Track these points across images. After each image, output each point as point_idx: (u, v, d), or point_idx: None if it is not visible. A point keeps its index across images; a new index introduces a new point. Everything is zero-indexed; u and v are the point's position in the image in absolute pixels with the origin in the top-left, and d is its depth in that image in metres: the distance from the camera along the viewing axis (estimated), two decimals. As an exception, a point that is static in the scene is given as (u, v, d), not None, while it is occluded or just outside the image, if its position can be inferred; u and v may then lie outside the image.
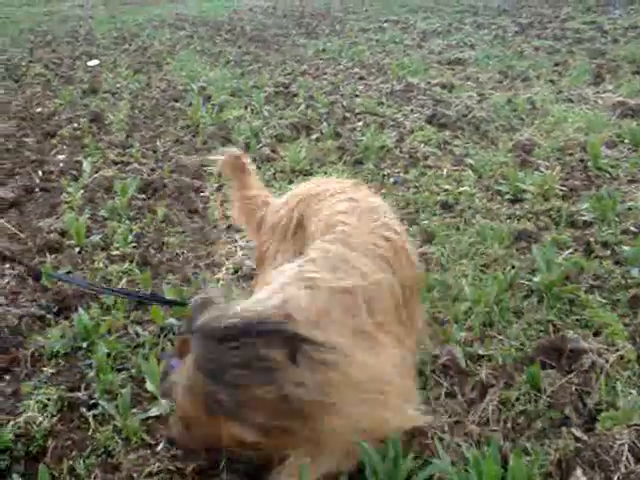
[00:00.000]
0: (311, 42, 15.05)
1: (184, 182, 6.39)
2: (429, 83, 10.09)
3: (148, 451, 3.05)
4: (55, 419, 3.25)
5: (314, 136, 7.61)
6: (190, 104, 9.40)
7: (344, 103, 9.08)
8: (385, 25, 17.40)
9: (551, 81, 9.83)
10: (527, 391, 3.24)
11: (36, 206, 6.02)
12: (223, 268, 4.78)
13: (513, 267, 4.40)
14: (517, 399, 3.20)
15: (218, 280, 4.59)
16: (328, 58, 12.95)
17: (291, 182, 6.26)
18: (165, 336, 3.90)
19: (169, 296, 4.17)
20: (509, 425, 3.09)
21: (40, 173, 6.77)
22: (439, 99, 9.01)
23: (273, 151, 7.11)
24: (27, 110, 9.54)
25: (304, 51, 13.92)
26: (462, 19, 17.78)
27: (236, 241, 5.17)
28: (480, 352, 3.58)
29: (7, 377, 3.65)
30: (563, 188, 5.72)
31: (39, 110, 9.55)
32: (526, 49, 12.59)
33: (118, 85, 11.16)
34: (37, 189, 6.37)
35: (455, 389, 3.35)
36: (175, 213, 5.76)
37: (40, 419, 3.21)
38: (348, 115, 8.46)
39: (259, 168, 6.65)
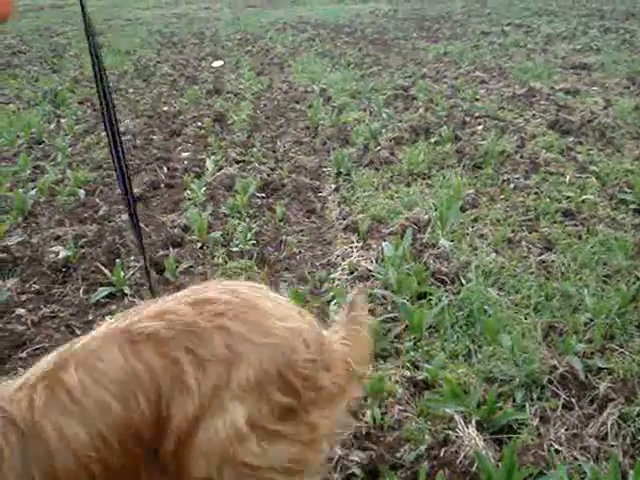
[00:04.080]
0: (432, 45, 14.96)
1: (303, 182, 6.48)
2: (552, 88, 9.88)
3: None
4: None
5: (433, 139, 7.56)
6: (310, 106, 9.51)
7: (464, 107, 8.99)
8: (507, 28, 17.10)
9: (683, 87, 9.46)
10: (650, 407, 3.14)
11: (161, 201, 6.23)
12: (339, 268, 4.82)
13: (638, 279, 4.26)
14: (638, 415, 3.11)
15: (333, 280, 4.63)
16: (449, 61, 12.85)
17: (408, 185, 6.25)
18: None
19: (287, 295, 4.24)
20: (629, 441, 3.00)
21: (165, 170, 7.00)
22: (562, 104, 8.81)
23: (391, 154, 7.11)
24: (154, 109, 9.89)
25: (424, 54, 13.85)
26: (588, 23, 17.29)
27: (352, 242, 5.20)
28: (600, 365, 3.49)
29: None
30: (693, 199, 5.50)
31: (165, 109, 9.88)
32: (656, 54, 12.16)
33: (241, 86, 11.40)
34: (162, 185, 6.59)
35: (573, 401, 3.27)
36: (293, 212, 5.86)
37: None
38: (468, 119, 8.37)
39: (377, 170, 6.68)
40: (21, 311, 4.35)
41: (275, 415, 2.04)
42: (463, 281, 4.37)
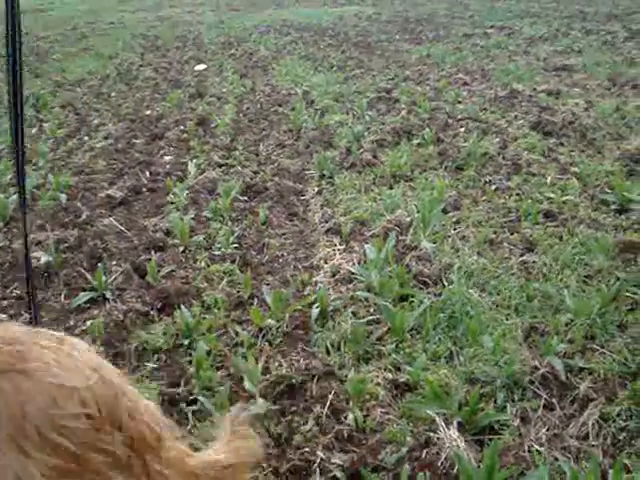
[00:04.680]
0: (414, 47, 15.01)
1: (285, 185, 6.48)
2: (534, 90, 9.93)
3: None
4: (156, 413, 3.35)
5: (415, 141, 7.58)
6: (293, 108, 9.51)
7: (446, 109, 9.02)
8: (490, 31, 17.19)
9: (663, 88, 9.52)
10: (629, 407, 3.15)
11: (143, 205, 6.22)
12: (321, 271, 4.82)
13: (618, 279, 4.28)
14: (618, 415, 3.12)
15: (316, 283, 4.63)
16: (431, 63, 12.89)
17: (391, 187, 6.26)
18: (264, 337, 3.97)
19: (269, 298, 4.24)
20: (609, 441, 3.01)
21: (147, 174, 6.98)
22: (544, 106, 8.85)
23: (374, 156, 7.11)
24: (137, 112, 9.86)
25: (407, 56, 13.89)
26: (570, 24, 17.40)
27: (335, 245, 5.20)
28: (581, 365, 3.51)
29: (112, 370, 3.78)
30: (673, 199, 5.53)
31: (148, 113, 9.86)
32: (636, 56, 12.23)
33: (224, 89, 11.39)
34: (144, 189, 6.57)
35: (554, 401, 3.28)
36: (276, 215, 5.85)
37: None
38: (450, 121, 8.40)
39: (359, 173, 6.68)
40: (2, 316, 4.32)
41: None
42: (445, 283, 4.39)
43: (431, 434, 3.08)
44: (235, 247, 5.20)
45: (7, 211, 5.91)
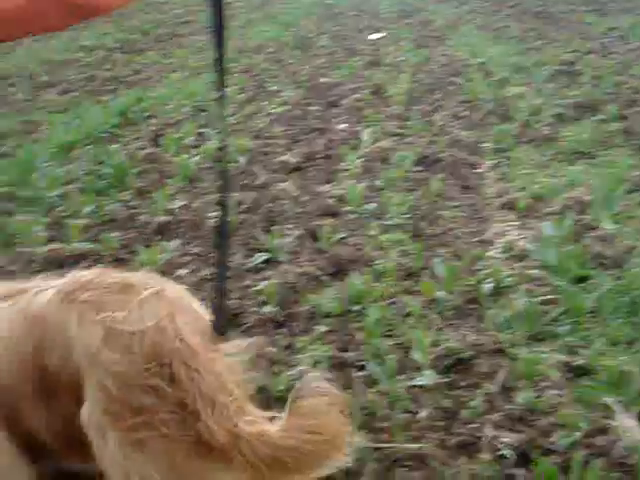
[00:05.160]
0: (600, 19, 14.29)
1: (460, 157, 6.38)
2: None
3: (410, 417, 3.13)
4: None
5: (598, 117, 7.24)
6: (469, 79, 9.31)
7: (633, 84, 8.55)
8: (686, 2, 16.09)
9: None
10: None
11: (317, 172, 6.30)
12: (494, 246, 4.73)
13: None
14: None
15: (488, 258, 4.54)
16: (618, 36, 12.23)
17: (571, 164, 6.03)
18: (434, 309, 3.95)
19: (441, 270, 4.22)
20: None
21: (322, 140, 7.06)
22: None
23: (553, 131, 6.86)
24: (313, 80, 9.98)
25: (592, 28, 13.25)
26: None
27: (509, 220, 5.08)
28: None
29: (284, 330, 3.90)
30: None
31: (323, 80, 9.94)
32: None
33: (399, 58, 11.30)
34: (318, 155, 6.66)
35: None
36: (449, 187, 5.78)
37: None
38: (637, 97, 7.95)
39: (537, 148, 6.48)
40: (182, 272, 4.54)
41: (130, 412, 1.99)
42: (627, 266, 4.19)
43: (607, 421, 2.96)
44: (407, 217, 5.19)
45: (189, 171, 6.16)
